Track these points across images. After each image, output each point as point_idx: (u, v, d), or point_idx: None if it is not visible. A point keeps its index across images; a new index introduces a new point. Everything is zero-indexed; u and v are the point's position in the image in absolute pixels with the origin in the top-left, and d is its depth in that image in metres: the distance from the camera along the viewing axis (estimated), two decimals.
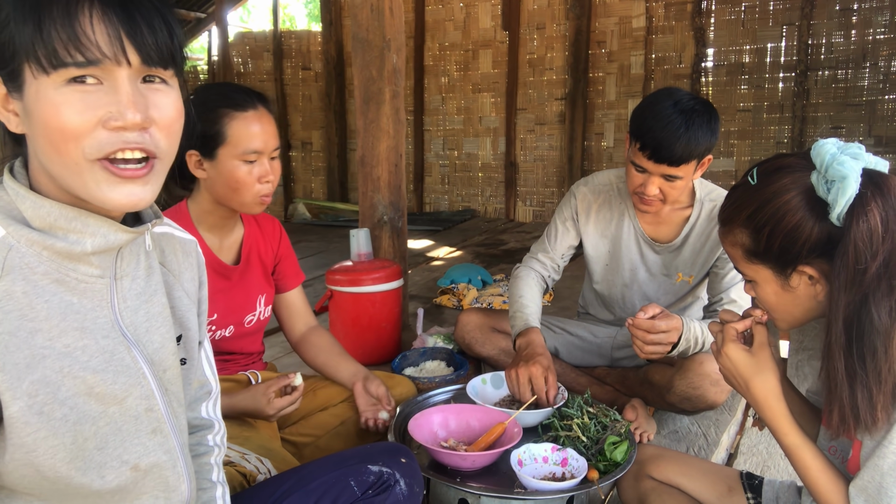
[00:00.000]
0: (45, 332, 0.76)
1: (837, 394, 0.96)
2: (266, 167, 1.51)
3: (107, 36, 0.71)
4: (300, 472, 1.15)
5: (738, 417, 2.25)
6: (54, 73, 0.71)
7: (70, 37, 0.70)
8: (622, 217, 2.07)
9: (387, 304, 2.56)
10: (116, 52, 0.72)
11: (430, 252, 5.32)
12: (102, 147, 0.73)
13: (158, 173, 0.78)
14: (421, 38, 7.02)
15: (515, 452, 1.51)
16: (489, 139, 6.92)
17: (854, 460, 1.00)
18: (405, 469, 1.18)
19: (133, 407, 0.84)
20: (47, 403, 0.75)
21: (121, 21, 0.72)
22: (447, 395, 1.89)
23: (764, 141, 5.73)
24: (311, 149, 7.80)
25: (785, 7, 5.52)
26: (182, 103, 0.80)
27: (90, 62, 0.71)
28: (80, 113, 0.71)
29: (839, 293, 0.96)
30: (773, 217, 1.02)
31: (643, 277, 2.10)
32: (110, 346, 0.81)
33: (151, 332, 0.87)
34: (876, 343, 0.92)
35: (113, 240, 0.79)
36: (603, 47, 6.21)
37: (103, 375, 0.80)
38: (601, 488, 1.42)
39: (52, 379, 0.76)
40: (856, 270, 0.93)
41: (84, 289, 0.80)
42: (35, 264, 0.76)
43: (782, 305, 1.09)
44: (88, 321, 0.80)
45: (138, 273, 0.87)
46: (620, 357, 2.19)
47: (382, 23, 2.58)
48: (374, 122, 2.67)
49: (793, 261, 1.03)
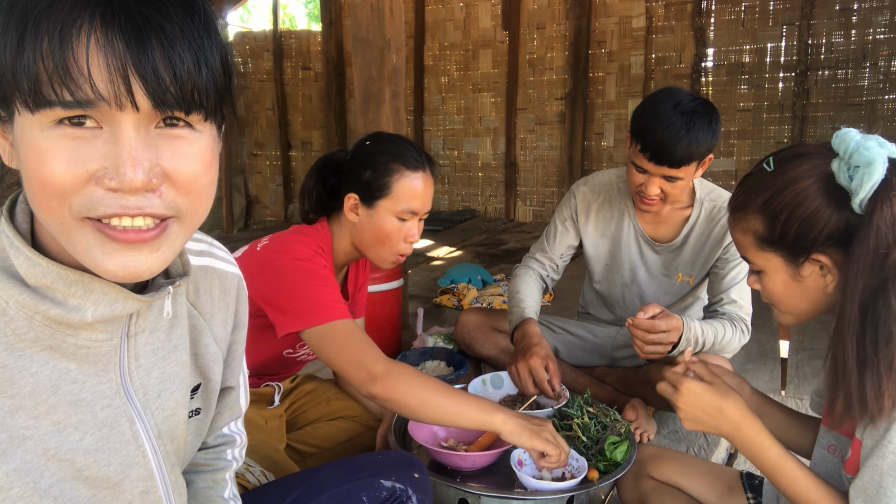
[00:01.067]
0: (28, 409, 0.63)
1: (845, 381, 0.95)
2: (415, 228, 1.55)
3: (106, 71, 0.54)
4: (309, 481, 1.12)
5: None
6: (38, 113, 0.55)
7: (57, 68, 0.53)
8: (622, 216, 2.07)
9: (387, 304, 2.56)
10: (118, 94, 0.55)
11: (430, 252, 5.32)
12: (93, 208, 0.57)
13: (176, 235, 0.63)
14: (421, 38, 7.02)
15: (516, 452, 1.51)
16: (489, 139, 6.92)
17: (853, 460, 0.99)
18: (418, 484, 1.16)
19: (128, 490, 0.72)
20: (23, 497, 0.64)
21: (128, 50, 0.54)
22: None
23: (764, 141, 5.73)
24: (311, 149, 7.80)
25: (785, 7, 5.52)
26: (214, 154, 0.64)
27: (80, 103, 0.54)
28: (66, 164, 0.56)
29: (857, 278, 0.94)
30: (791, 203, 1.00)
31: (643, 277, 2.10)
32: (110, 418, 0.69)
33: (164, 396, 0.75)
34: (892, 329, 0.91)
35: (119, 309, 0.66)
36: (603, 47, 6.21)
37: (96, 456, 0.68)
38: (601, 488, 1.42)
39: (34, 465, 0.64)
40: (876, 255, 0.92)
41: (85, 354, 0.67)
42: (24, 331, 0.63)
43: (790, 297, 1.08)
44: (86, 391, 0.67)
45: (158, 325, 0.74)
46: (620, 357, 2.19)
47: (382, 22, 2.58)
48: (374, 122, 2.67)
49: (807, 248, 1.01)
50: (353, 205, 1.52)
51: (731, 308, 1.95)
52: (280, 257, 1.43)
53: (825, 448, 1.11)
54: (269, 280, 1.40)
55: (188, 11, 0.57)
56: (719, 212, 1.96)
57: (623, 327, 2.22)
